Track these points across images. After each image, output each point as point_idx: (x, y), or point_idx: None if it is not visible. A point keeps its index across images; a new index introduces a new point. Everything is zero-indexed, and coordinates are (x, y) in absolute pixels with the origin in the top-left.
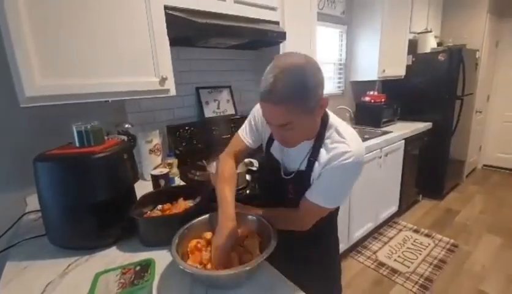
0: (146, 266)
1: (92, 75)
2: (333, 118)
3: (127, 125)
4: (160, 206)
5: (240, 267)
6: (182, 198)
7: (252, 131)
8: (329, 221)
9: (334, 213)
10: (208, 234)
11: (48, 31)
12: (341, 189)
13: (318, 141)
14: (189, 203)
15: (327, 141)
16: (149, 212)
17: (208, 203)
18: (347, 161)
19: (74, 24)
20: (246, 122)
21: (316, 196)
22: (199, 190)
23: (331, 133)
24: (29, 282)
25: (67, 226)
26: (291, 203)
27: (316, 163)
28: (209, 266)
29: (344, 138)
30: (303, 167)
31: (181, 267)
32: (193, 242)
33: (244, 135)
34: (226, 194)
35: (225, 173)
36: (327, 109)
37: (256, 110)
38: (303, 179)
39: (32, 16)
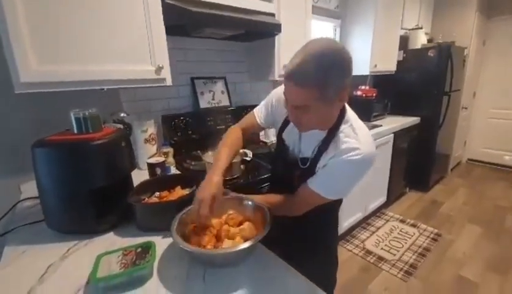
0: (146, 248)
1: (89, 62)
2: (350, 113)
3: (122, 114)
4: (157, 193)
5: (237, 247)
6: (179, 187)
7: (267, 112)
8: (332, 214)
9: (336, 206)
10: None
11: (44, 16)
12: (345, 183)
13: (332, 133)
14: (186, 191)
15: (340, 134)
16: (146, 198)
17: None
18: (355, 157)
19: (71, 9)
20: (262, 102)
21: (319, 185)
22: (195, 179)
23: (345, 128)
24: (29, 265)
25: (66, 212)
26: (292, 188)
27: (324, 154)
28: (208, 247)
29: (357, 135)
30: (312, 155)
31: (180, 246)
32: (191, 226)
33: (259, 113)
34: (221, 155)
35: (228, 139)
36: (346, 104)
37: (274, 94)
38: (310, 166)
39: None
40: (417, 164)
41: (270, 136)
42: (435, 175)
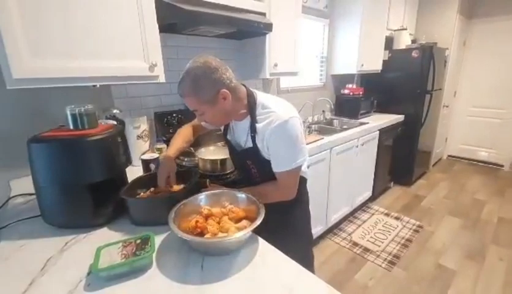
0: (146, 240)
1: (82, 58)
2: (261, 96)
3: (115, 111)
4: (152, 189)
5: (233, 235)
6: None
7: None
8: (301, 196)
9: (300, 186)
10: (205, 209)
11: (36, 12)
12: (290, 148)
13: (252, 119)
14: (181, 187)
15: (258, 117)
16: (142, 193)
17: (196, 187)
18: (275, 124)
19: (64, 5)
20: None
21: (277, 164)
22: (189, 174)
23: (259, 110)
24: (27, 259)
25: (63, 206)
26: (257, 177)
27: (257, 137)
28: (208, 235)
29: (268, 108)
30: (249, 144)
31: (179, 235)
32: (193, 222)
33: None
34: (175, 140)
35: (180, 132)
36: (255, 91)
37: None
38: (254, 153)
39: None
40: (401, 160)
41: None
42: (418, 170)
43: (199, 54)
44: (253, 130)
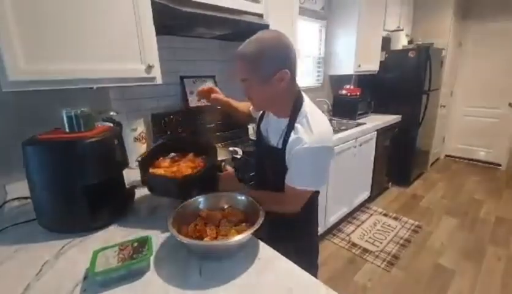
0: (143, 242)
1: (79, 60)
2: (308, 105)
3: (112, 113)
4: (172, 154)
5: (232, 239)
6: (192, 154)
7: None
8: (311, 204)
9: (313, 197)
10: (204, 212)
11: (32, 14)
12: (310, 172)
13: (291, 123)
14: (199, 161)
15: (297, 125)
16: (161, 158)
17: (212, 172)
18: (305, 146)
19: (60, 8)
20: None
21: (291, 177)
22: (207, 150)
23: (302, 119)
24: (22, 263)
25: (59, 210)
26: (270, 182)
27: (287, 144)
28: (206, 239)
29: (309, 124)
30: (280, 145)
31: (178, 239)
32: (192, 226)
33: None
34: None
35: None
36: (305, 97)
37: None
38: (279, 156)
39: None
40: (398, 160)
41: None
42: (416, 171)
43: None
44: (287, 135)
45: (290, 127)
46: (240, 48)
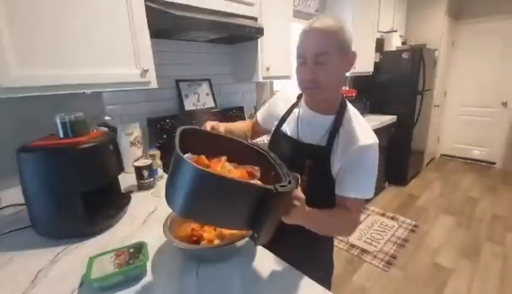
0: (139, 248)
1: (72, 65)
2: (351, 106)
3: (106, 118)
4: (189, 154)
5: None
6: (225, 158)
7: (267, 113)
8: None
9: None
10: None
11: (24, 20)
12: (373, 174)
13: (338, 119)
14: (251, 170)
15: (345, 122)
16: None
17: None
18: (368, 143)
19: (53, 13)
20: (264, 106)
21: (353, 187)
22: (256, 160)
23: (350, 117)
24: (18, 271)
25: (54, 216)
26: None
27: (335, 142)
28: (204, 242)
29: (360, 123)
30: (323, 142)
31: (175, 244)
32: (188, 230)
33: (259, 113)
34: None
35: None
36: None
37: (273, 98)
38: (322, 155)
39: (6, 4)
40: (395, 160)
41: None
42: (412, 170)
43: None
44: (334, 130)
45: (337, 124)
46: (314, 21)
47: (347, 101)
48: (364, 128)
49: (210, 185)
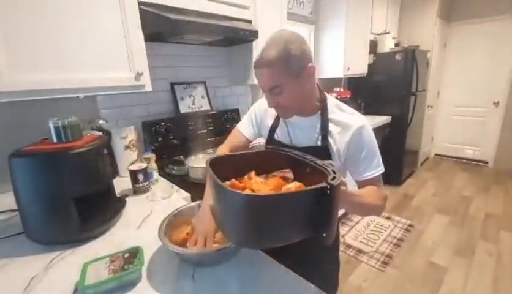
0: (134, 253)
1: (65, 69)
2: (331, 98)
3: (101, 121)
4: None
5: (224, 246)
6: (253, 173)
7: (251, 124)
8: None
9: None
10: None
11: (16, 23)
12: (377, 151)
13: (324, 116)
14: (262, 183)
15: (331, 116)
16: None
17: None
18: (360, 125)
19: (45, 17)
20: (245, 117)
21: (366, 167)
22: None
23: (334, 109)
24: (10, 278)
25: (48, 222)
26: None
27: (330, 138)
28: (198, 245)
29: (346, 110)
30: (318, 142)
31: (170, 248)
32: (183, 234)
33: (243, 128)
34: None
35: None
36: (325, 93)
37: (256, 106)
38: (321, 154)
39: None
40: (389, 160)
41: None
42: (406, 170)
43: (277, 30)
44: (325, 129)
45: (325, 120)
46: (258, 59)
47: (325, 94)
48: (351, 114)
49: (266, 207)
